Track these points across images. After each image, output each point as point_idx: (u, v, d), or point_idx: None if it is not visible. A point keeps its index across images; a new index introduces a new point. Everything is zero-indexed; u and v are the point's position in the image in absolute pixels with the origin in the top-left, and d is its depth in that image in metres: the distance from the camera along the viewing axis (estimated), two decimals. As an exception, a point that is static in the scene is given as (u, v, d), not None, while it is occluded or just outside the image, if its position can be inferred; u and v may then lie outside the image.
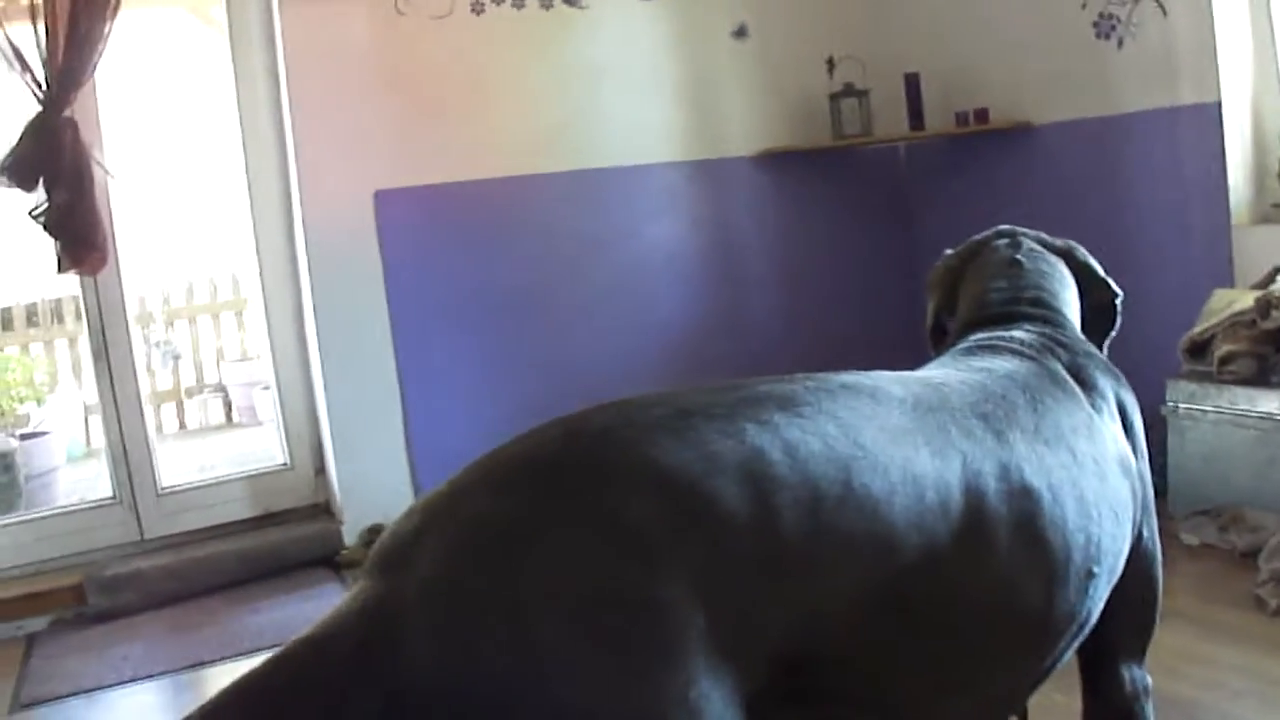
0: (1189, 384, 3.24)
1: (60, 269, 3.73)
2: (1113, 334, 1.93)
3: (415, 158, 4.21)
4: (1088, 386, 1.61)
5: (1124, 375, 1.73)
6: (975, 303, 1.85)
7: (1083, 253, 1.95)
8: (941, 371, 1.56)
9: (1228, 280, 3.68)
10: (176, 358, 7.58)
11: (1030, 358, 1.61)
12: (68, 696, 3.23)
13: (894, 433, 1.27)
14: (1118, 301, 1.91)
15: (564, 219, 4.48)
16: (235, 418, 7.64)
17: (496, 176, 4.33)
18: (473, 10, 4.26)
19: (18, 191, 3.70)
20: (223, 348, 7.85)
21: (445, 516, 1.09)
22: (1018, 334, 1.68)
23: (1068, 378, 1.60)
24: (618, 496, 1.07)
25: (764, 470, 1.13)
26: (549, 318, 4.46)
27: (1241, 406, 3.09)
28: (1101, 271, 1.94)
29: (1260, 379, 3.11)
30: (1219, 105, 3.72)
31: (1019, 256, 1.87)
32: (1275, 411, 2.99)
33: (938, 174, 4.92)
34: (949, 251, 2.02)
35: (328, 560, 4.11)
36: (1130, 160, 4.04)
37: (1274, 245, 3.63)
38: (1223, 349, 3.19)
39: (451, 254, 4.30)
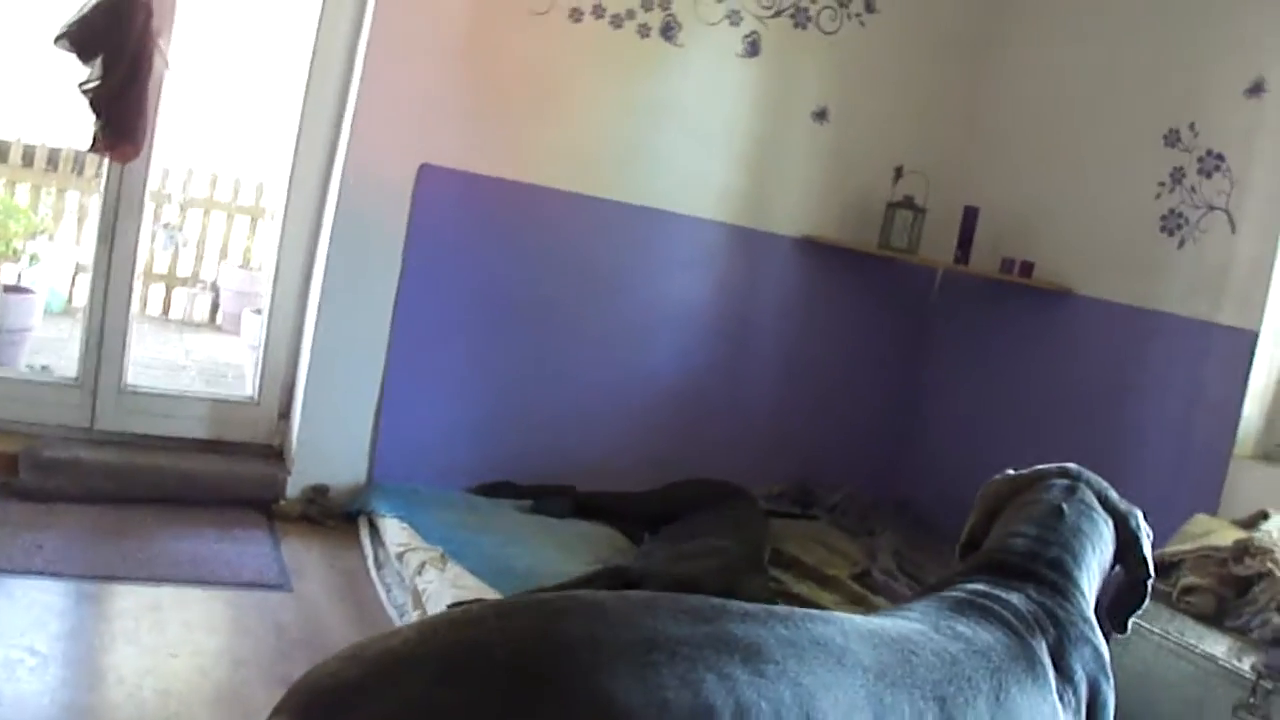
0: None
1: (93, 148, 3.67)
2: (1138, 614, 1.91)
3: (470, 143, 4.17)
4: (1064, 675, 1.59)
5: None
6: (1000, 541, 1.82)
7: (1137, 521, 1.92)
8: (920, 630, 1.52)
9: (1213, 506, 3.67)
10: (182, 245, 7.53)
11: (1017, 634, 1.58)
12: (-31, 570, 3.19)
13: (847, 709, 1.25)
14: (1149, 583, 1.88)
15: (595, 245, 4.45)
16: (219, 321, 7.59)
17: (542, 185, 4.31)
18: (570, 17, 4.23)
19: (74, 58, 3.64)
20: (228, 249, 7.79)
21: (387, 686, 1.06)
22: (1016, 600, 1.65)
23: (1046, 662, 1.57)
24: None
25: None
26: (551, 337, 4.44)
27: (1189, 640, 3.06)
28: (1147, 549, 1.91)
29: (1215, 619, 3.09)
30: (1256, 335, 3.71)
31: (1064, 506, 1.84)
32: (1220, 656, 2.97)
33: (967, 310, 4.92)
34: (1008, 472, 2.00)
35: (265, 506, 4.07)
36: (1155, 358, 4.03)
37: (1269, 485, 3.62)
38: (1187, 579, 3.17)
39: (476, 247, 4.26)
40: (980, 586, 1.69)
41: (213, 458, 4.17)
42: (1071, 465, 1.99)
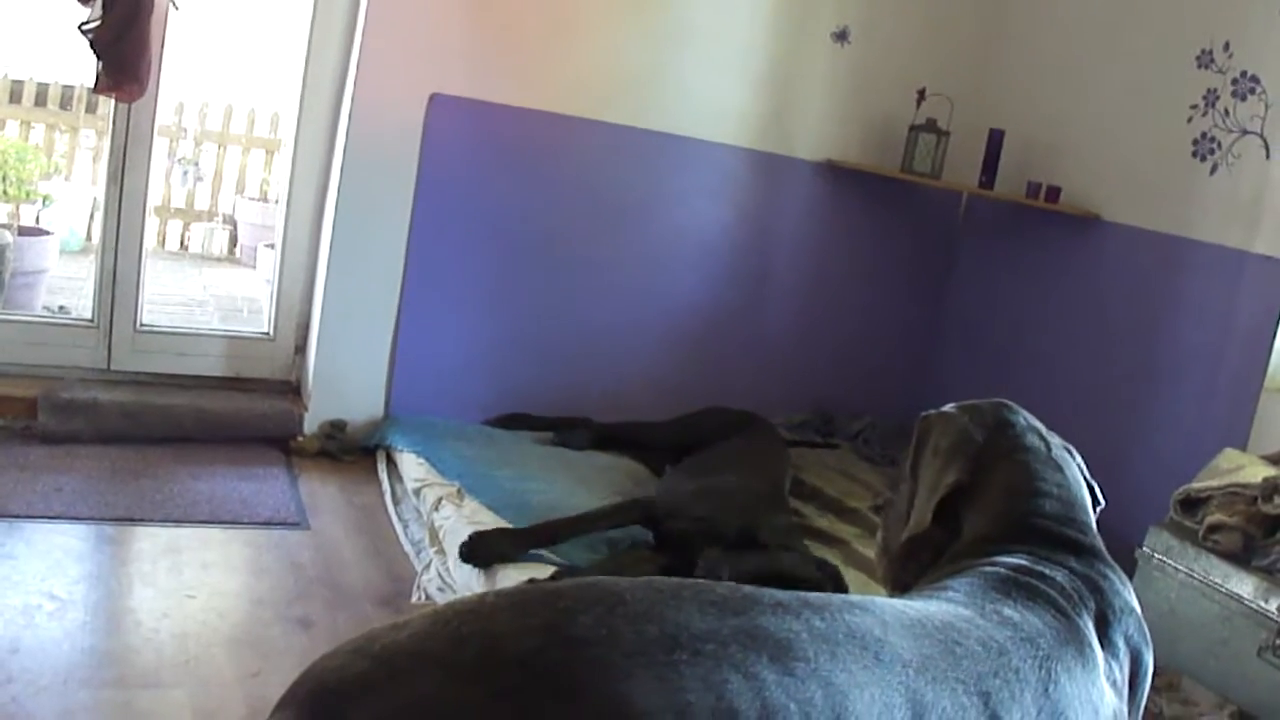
0: (1171, 537, 3.16)
1: (96, 88, 3.61)
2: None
3: (481, 71, 4.08)
4: (1110, 650, 1.53)
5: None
6: (1024, 505, 1.69)
7: (1079, 458, 1.84)
8: (965, 616, 1.44)
9: (1243, 440, 3.60)
10: (199, 179, 7.48)
11: (1065, 614, 1.50)
12: (-10, 516, 3.19)
13: (882, 708, 1.20)
14: (1097, 509, 1.81)
15: (611, 173, 4.36)
16: (238, 254, 7.57)
17: (556, 112, 4.21)
18: (583, -59, 4.12)
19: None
20: (245, 182, 7.74)
21: (394, 682, 1.03)
22: (1060, 576, 1.57)
23: (1093, 642, 1.51)
24: None
25: None
26: (566, 266, 4.37)
27: (1214, 579, 3.02)
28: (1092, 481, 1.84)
29: (1242, 558, 3.04)
30: (1292, 263, 3.62)
31: (1055, 458, 1.75)
32: (1245, 595, 2.92)
33: (993, 236, 4.83)
34: (953, 413, 1.84)
35: (283, 442, 4.06)
36: (1186, 288, 3.94)
37: (1300, 419, 3.56)
38: (1214, 516, 3.11)
39: (489, 176, 4.18)
40: (1022, 561, 1.59)
41: (229, 395, 4.15)
42: (1006, 401, 1.85)
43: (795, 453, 4.28)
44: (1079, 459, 1.85)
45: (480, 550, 3.08)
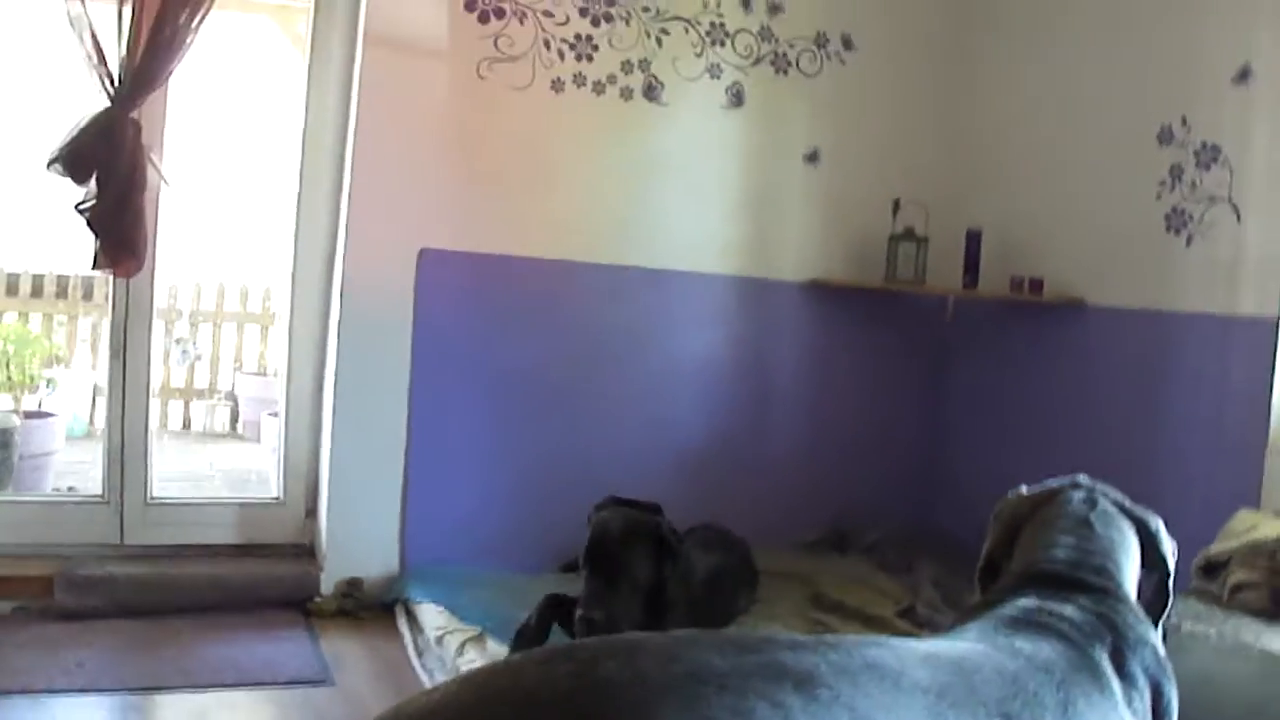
0: (1197, 603, 3.14)
1: (95, 265, 3.71)
2: (1167, 613, 1.89)
3: (467, 223, 4.21)
4: (1128, 681, 1.55)
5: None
6: (1038, 555, 1.80)
7: (1156, 523, 1.91)
8: (979, 649, 1.49)
9: (1254, 501, 3.61)
10: (196, 358, 7.58)
11: (1076, 645, 1.54)
12: (15, 694, 3.15)
13: None
14: (1170, 583, 1.87)
15: (602, 311, 4.46)
16: (240, 430, 7.62)
17: (543, 257, 4.33)
18: (552, 87, 4.27)
19: (68, 181, 3.69)
20: (242, 358, 7.84)
21: None
22: (1070, 611, 1.62)
23: (1109, 671, 1.54)
24: None
25: None
26: (569, 407, 4.43)
27: (1246, 638, 2.99)
28: (1167, 549, 1.90)
29: (1271, 613, 3.02)
30: (1277, 322, 3.66)
31: (1091, 516, 1.83)
32: (1281, 651, 2.91)
33: (982, 334, 4.89)
34: (1022, 490, 1.98)
35: (301, 604, 4.05)
36: (1178, 360, 3.98)
37: (1308, 473, 3.57)
38: (1236, 575, 3.11)
39: (484, 325, 4.27)
40: (1030, 602, 1.66)
41: (244, 562, 4.16)
42: (1083, 477, 1.99)
43: (811, 565, 4.28)
44: (1154, 525, 1.94)
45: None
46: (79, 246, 3.80)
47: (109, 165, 3.64)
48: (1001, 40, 4.82)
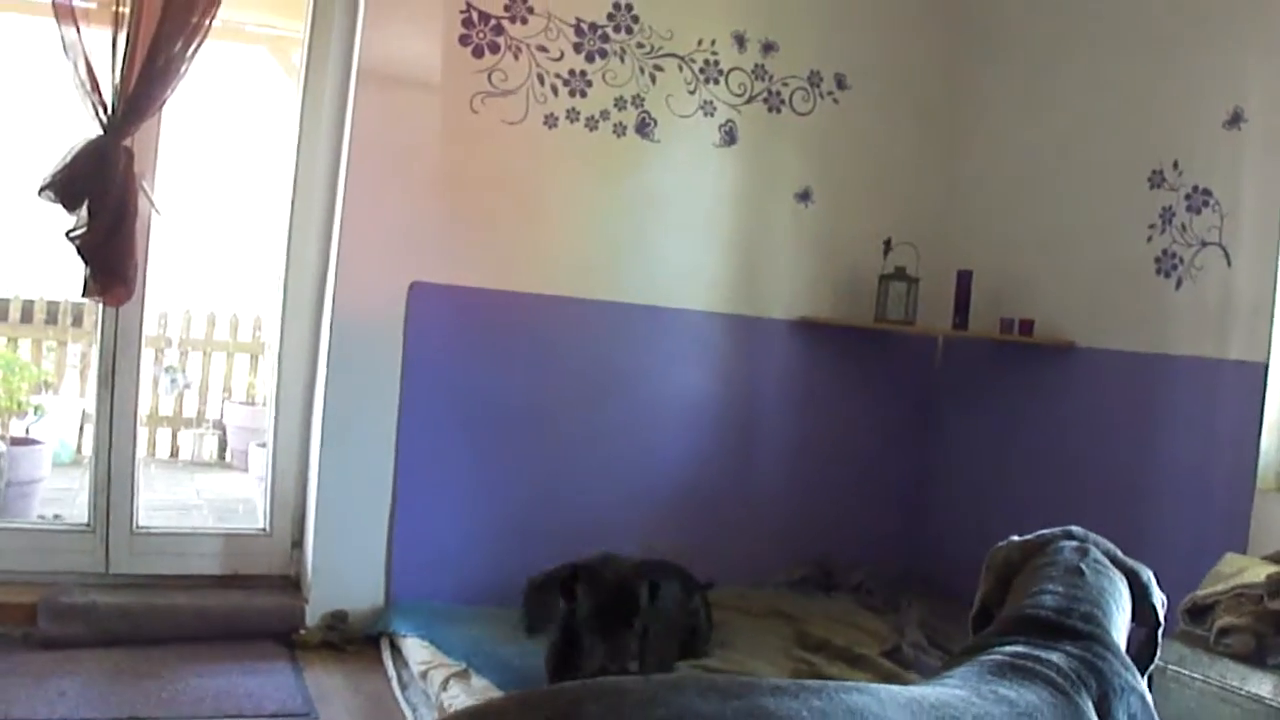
0: (1183, 647, 3.14)
1: (85, 293, 3.71)
2: (1154, 665, 1.90)
3: (458, 256, 4.21)
4: None
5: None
6: (1027, 601, 1.81)
7: (1147, 575, 1.93)
8: (960, 696, 1.48)
9: (1242, 544, 3.61)
10: (186, 387, 7.57)
11: (1062, 692, 1.55)
12: (-6, 723, 3.14)
13: None
14: (1159, 633, 1.88)
15: (591, 347, 4.46)
16: (228, 459, 7.59)
17: (534, 292, 4.33)
18: (545, 122, 4.29)
19: (59, 208, 3.69)
20: (231, 387, 7.82)
21: None
22: (1057, 657, 1.62)
23: (1094, 718, 1.54)
24: None
25: None
26: (555, 441, 4.42)
27: (1232, 682, 2.99)
28: (1157, 600, 1.91)
29: (1256, 658, 3.02)
30: (1266, 366, 3.68)
31: (1082, 565, 1.84)
32: (1266, 696, 2.89)
33: (972, 374, 4.90)
34: (1013, 539, 2.00)
35: (285, 636, 4.02)
36: (1166, 402, 4.00)
37: (1296, 518, 3.58)
38: (1223, 619, 3.10)
39: (474, 359, 4.27)
40: (1017, 648, 1.67)
41: (229, 593, 4.13)
42: (1076, 528, 2.00)
43: (796, 603, 4.28)
44: (1146, 576, 1.96)
45: None
46: (69, 272, 3.80)
47: (100, 193, 3.64)
48: (994, 82, 4.86)
